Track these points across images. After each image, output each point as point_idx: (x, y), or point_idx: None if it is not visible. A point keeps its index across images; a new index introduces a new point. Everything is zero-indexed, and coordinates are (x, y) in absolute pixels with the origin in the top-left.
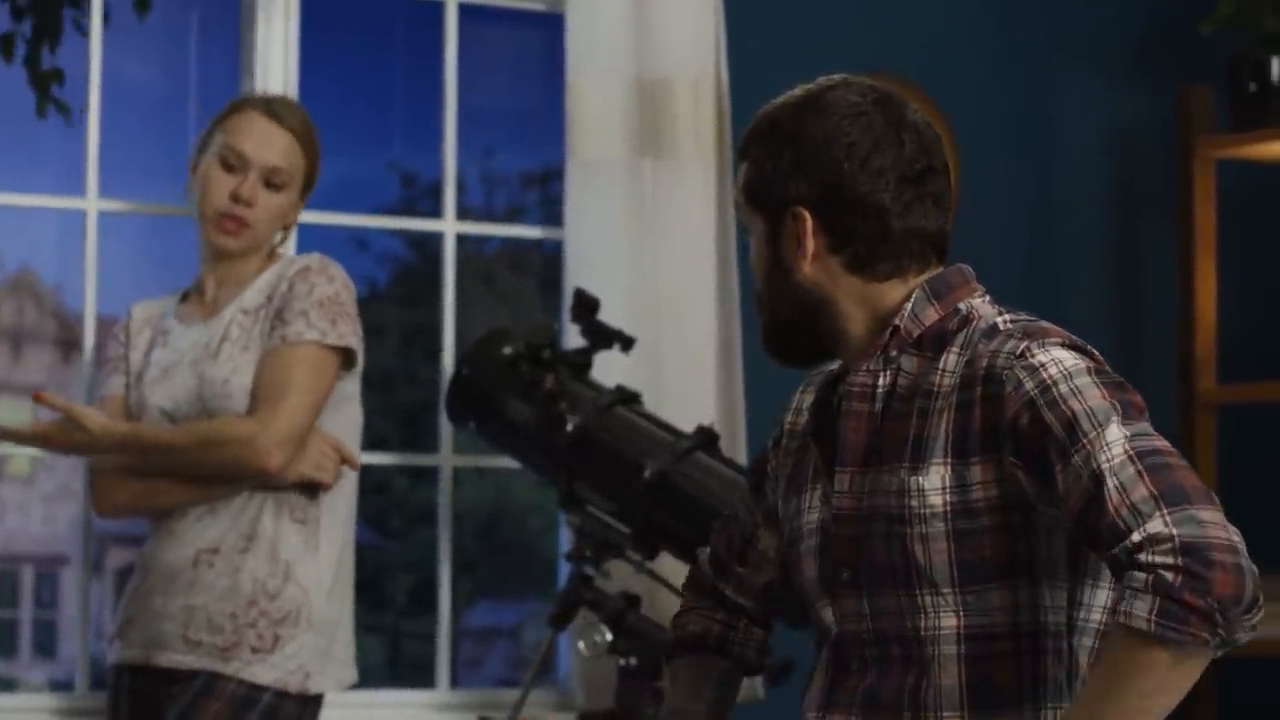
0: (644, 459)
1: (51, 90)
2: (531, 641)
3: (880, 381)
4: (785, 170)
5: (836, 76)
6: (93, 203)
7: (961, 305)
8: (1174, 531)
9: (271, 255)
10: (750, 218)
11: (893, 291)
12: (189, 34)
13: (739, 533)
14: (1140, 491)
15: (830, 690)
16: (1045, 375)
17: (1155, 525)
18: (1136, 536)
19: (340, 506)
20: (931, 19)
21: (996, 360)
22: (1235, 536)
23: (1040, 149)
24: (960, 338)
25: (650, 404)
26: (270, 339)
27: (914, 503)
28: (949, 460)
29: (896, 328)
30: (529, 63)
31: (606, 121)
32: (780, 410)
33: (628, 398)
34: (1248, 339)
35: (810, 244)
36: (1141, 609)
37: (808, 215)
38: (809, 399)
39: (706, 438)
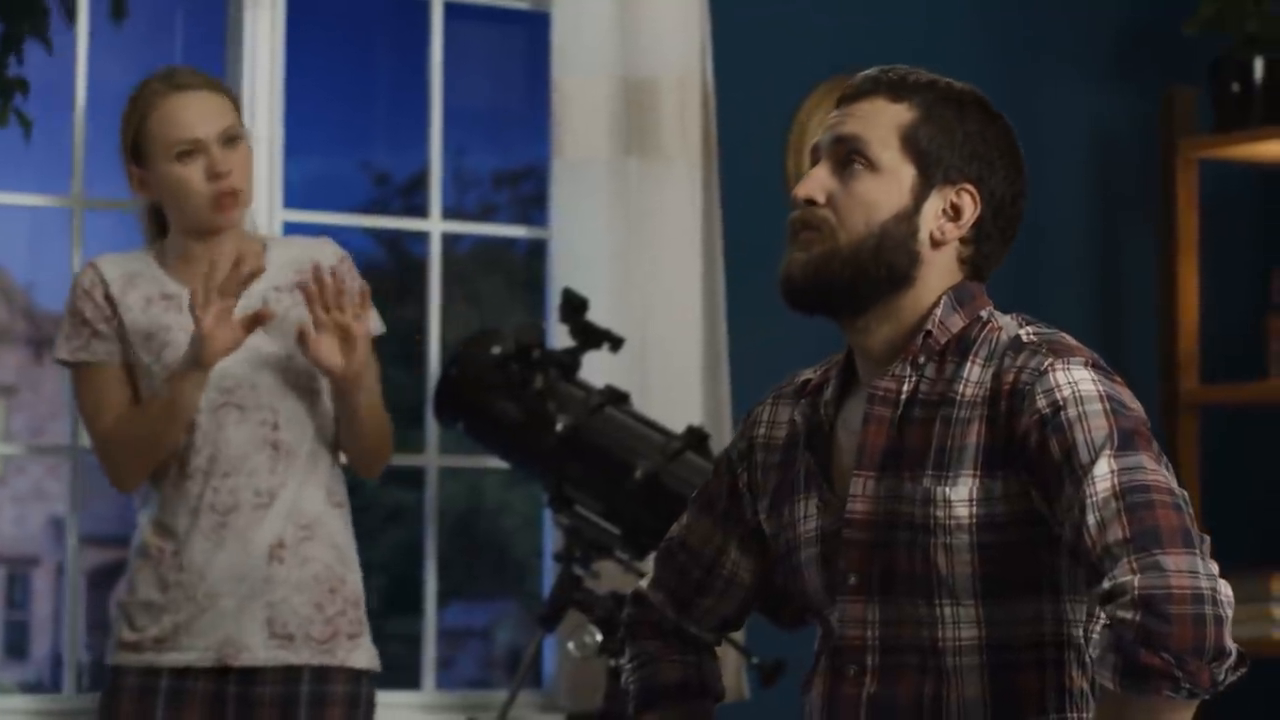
0: (634, 459)
1: (14, 100)
2: (504, 642)
3: (904, 387)
4: (970, 152)
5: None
6: (78, 201)
7: (982, 313)
8: (1136, 582)
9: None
10: (889, 157)
11: None
12: (173, 32)
13: (694, 563)
14: (1115, 533)
15: (830, 698)
16: (1058, 396)
17: (1122, 573)
18: (1106, 584)
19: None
20: (914, 19)
21: (1022, 375)
22: (1205, 582)
23: (1023, 149)
24: (984, 348)
25: (635, 404)
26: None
27: (939, 513)
28: (977, 473)
29: (929, 333)
30: (504, 61)
31: (592, 120)
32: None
33: (617, 398)
34: (1229, 339)
35: (968, 223)
36: (1107, 667)
37: (980, 199)
38: (782, 411)
39: (696, 438)
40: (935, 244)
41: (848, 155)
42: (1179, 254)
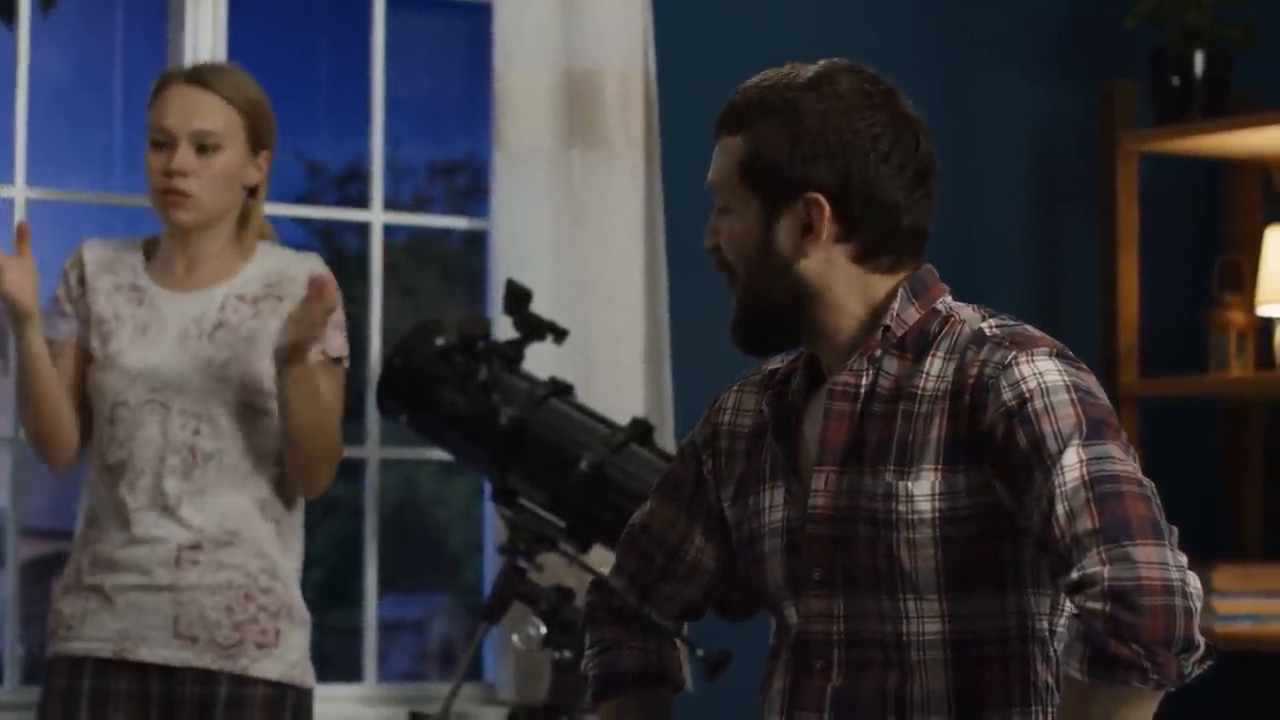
0: (579, 451)
1: None
2: (439, 635)
3: (863, 381)
4: (805, 154)
5: (839, 61)
6: (20, 191)
7: (939, 305)
8: (1105, 573)
9: (248, 228)
10: (736, 195)
11: (885, 285)
12: (115, 22)
13: (657, 548)
14: (1084, 523)
15: (793, 692)
16: (1024, 389)
17: (1091, 564)
18: (1075, 575)
19: (300, 507)
20: (854, 13)
21: (985, 369)
22: (1174, 574)
23: (962, 143)
24: (945, 342)
25: (578, 395)
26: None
27: (902, 507)
28: (939, 467)
29: (887, 328)
30: (443, 52)
31: (535, 112)
32: (705, 408)
33: (561, 389)
34: (1170, 333)
35: (825, 230)
36: (1075, 656)
37: (825, 202)
38: (748, 399)
39: (641, 430)
40: (808, 259)
41: (719, 201)
42: (1119, 248)
